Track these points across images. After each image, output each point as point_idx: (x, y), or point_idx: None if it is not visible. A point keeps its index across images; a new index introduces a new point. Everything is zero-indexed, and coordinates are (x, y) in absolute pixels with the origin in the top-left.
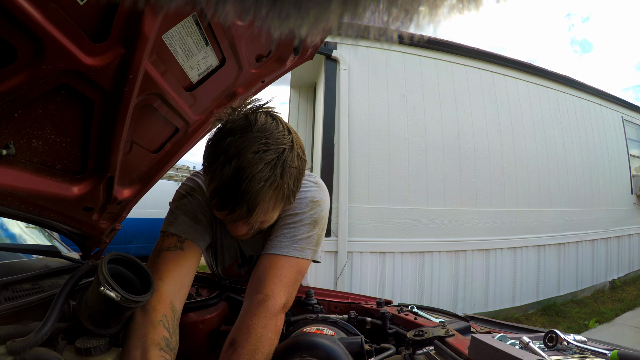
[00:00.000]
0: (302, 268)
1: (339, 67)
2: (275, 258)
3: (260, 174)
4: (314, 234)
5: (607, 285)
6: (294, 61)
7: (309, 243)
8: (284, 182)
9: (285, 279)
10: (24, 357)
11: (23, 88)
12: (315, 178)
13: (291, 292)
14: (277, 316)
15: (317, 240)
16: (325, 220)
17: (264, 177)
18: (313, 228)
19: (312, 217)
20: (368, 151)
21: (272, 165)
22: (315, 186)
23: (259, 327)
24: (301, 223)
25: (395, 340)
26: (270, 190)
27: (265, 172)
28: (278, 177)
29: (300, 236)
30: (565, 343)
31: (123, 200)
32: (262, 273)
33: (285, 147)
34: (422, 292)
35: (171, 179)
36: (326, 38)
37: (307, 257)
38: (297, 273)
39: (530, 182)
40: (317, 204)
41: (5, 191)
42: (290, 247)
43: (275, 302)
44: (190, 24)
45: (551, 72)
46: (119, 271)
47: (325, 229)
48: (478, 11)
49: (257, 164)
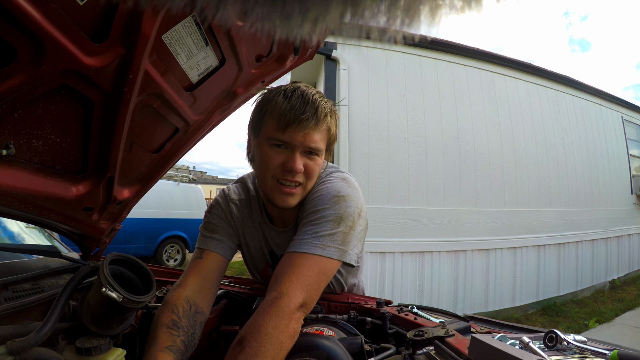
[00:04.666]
0: (326, 267)
1: (338, 67)
2: (295, 255)
3: (321, 97)
4: (338, 231)
5: (607, 285)
6: (294, 61)
7: (332, 241)
8: (335, 115)
9: (304, 277)
10: (24, 357)
11: (23, 88)
12: (344, 174)
13: (311, 292)
14: (291, 316)
15: (344, 238)
16: (355, 218)
17: (324, 99)
18: (338, 225)
19: (337, 213)
20: (368, 151)
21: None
22: (342, 181)
23: (269, 327)
24: (323, 219)
25: (395, 340)
26: (328, 107)
27: (324, 98)
28: (322, 99)
29: (322, 233)
30: (565, 343)
31: (123, 200)
32: (279, 271)
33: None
34: (422, 292)
35: (171, 179)
36: (326, 38)
37: (332, 256)
38: (320, 273)
39: (530, 182)
40: (343, 199)
41: (5, 191)
42: (310, 243)
43: (289, 301)
44: (190, 24)
45: (551, 72)
46: (120, 272)
47: (357, 227)
48: (480, 11)
49: (315, 93)
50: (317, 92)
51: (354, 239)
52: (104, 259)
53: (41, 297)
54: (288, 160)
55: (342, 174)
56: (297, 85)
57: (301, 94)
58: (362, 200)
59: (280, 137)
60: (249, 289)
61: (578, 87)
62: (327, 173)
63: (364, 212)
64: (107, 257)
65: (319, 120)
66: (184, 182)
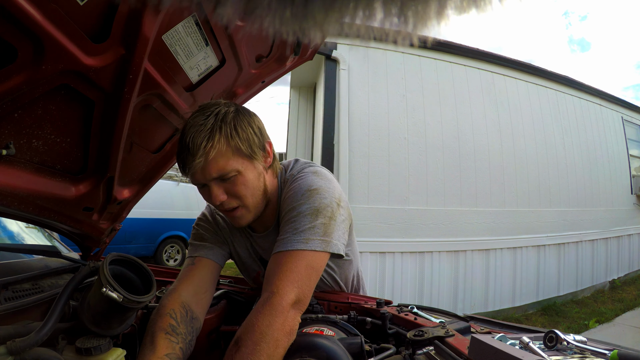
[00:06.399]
0: (312, 261)
1: (338, 67)
2: (280, 255)
3: (196, 125)
4: (317, 223)
5: (607, 285)
6: (294, 61)
7: (313, 233)
8: (224, 124)
9: (292, 273)
10: (24, 357)
11: (23, 88)
12: (315, 167)
13: (302, 288)
14: (284, 314)
15: (325, 229)
16: (334, 208)
17: (198, 122)
18: (316, 217)
19: (312, 206)
20: (368, 151)
21: (206, 116)
22: (313, 175)
23: (263, 326)
24: (300, 215)
25: (395, 341)
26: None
27: (200, 120)
28: (212, 122)
29: (302, 228)
30: (565, 343)
31: (123, 200)
32: (269, 273)
33: (220, 107)
34: (422, 292)
35: (171, 179)
36: (327, 38)
37: (316, 249)
38: (307, 267)
39: (530, 182)
40: (316, 192)
41: (5, 191)
42: (292, 240)
43: (281, 299)
44: (190, 24)
45: (551, 72)
46: (121, 272)
47: (337, 217)
48: (484, 12)
49: (195, 120)
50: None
51: (337, 229)
52: (104, 259)
53: (41, 297)
54: (209, 197)
55: (313, 168)
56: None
57: (183, 134)
58: (339, 191)
59: (191, 181)
60: (249, 288)
61: (578, 87)
62: (299, 169)
63: (344, 202)
64: (107, 257)
65: (207, 154)
66: (184, 182)
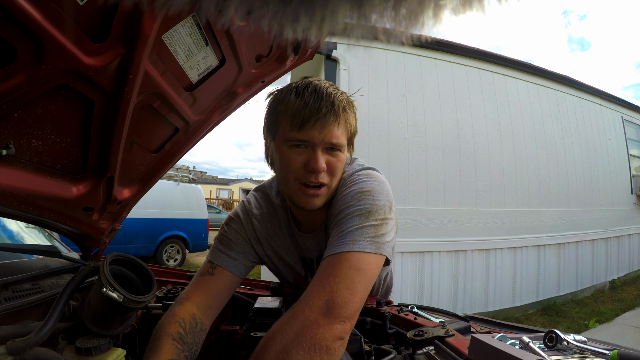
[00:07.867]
0: (359, 262)
1: (338, 67)
2: (324, 261)
3: (335, 90)
4: (367, 224)
5: (607, 285)
6: (294, 61)
7: (362, 235)
8: (352, 107)
9: (330, 278)
10: (24, 357)
11: (23, 88)
12: (367, 170)
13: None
14: (311, 323)
15: (376, 231)
16: (385, 211)
17: (339, 91)
18: (366, 219)
19: (363, 208)
20: (368, 151)
21: (335, 89)
22: (366, 177)
23: (289, 335)
24: (349, 216)
25: (395, 340)
26: (344, 98)
27: (332, 89)
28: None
29: (350, 229)
30: (565, 343)
31: (123, 200)
32: (312, 281)
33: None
34: (422, 292)
35: (171, 179)
36: (327, 38)
37: (365, 250)
38: (350, 269)
39: (530, 182)
40: (368, 194)
41: (5, 191)
42: (337, 243)
43: (309, 309)
44: (190, 24)
45: (551, 72)
46: (121, 272)
47: (389, 221)
48: (483, 12)
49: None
50: (330, 85)
51: (387, 231)
52: (104, 259)
53: (41, 297)
54: (310, 160)
55: (365, 172)
56: (308, 80)
57: (314, 89)
58: (392, 195)
59: (298, 137)
60: (249, 288)
61: (578, 87)
62: (351, 172)
63: (394, 207)
64: (107, 257)
65: (337, 114)
66: (184, 182)
